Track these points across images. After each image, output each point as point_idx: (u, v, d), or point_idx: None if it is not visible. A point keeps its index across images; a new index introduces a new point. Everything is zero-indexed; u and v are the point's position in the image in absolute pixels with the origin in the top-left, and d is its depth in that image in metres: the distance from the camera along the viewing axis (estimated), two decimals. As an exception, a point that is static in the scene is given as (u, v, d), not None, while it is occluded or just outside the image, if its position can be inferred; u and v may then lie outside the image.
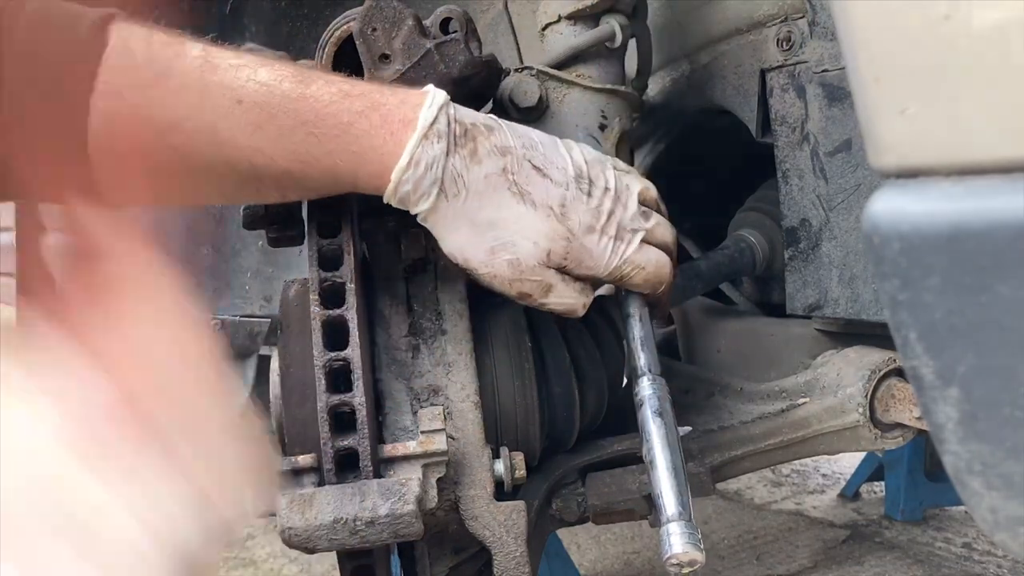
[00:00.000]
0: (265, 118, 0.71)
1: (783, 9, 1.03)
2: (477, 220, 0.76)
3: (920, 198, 0.49)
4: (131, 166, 0.72)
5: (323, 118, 0.73)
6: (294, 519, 0.75)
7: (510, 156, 0.78)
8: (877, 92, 0.51)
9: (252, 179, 0.74)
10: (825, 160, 1.00)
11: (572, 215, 0.79)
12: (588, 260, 0.81)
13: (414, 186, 0.74)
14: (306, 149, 0.72)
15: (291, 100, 0.72)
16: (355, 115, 0.73)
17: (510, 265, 0.78)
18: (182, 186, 0.75)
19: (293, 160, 0.73)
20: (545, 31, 1.00)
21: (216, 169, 0.73)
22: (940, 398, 0.51)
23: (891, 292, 0.51)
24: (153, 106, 0.70)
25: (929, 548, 2.14)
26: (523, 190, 0.77)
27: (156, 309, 0.48)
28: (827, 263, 1.03)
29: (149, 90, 0.70)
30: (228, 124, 0.71)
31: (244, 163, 0.73)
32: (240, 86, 0.71)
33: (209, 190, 0.77)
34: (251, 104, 0.71)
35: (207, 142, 0.71)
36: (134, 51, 0.71)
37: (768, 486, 2.63)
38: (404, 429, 0.84)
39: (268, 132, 0.72)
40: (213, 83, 0.71)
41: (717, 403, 1.10)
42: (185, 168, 0.73)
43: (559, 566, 1.79)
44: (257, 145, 0.72)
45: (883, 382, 0.98)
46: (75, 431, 0.41)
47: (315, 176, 0.74)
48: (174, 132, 0.71)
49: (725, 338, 1.31)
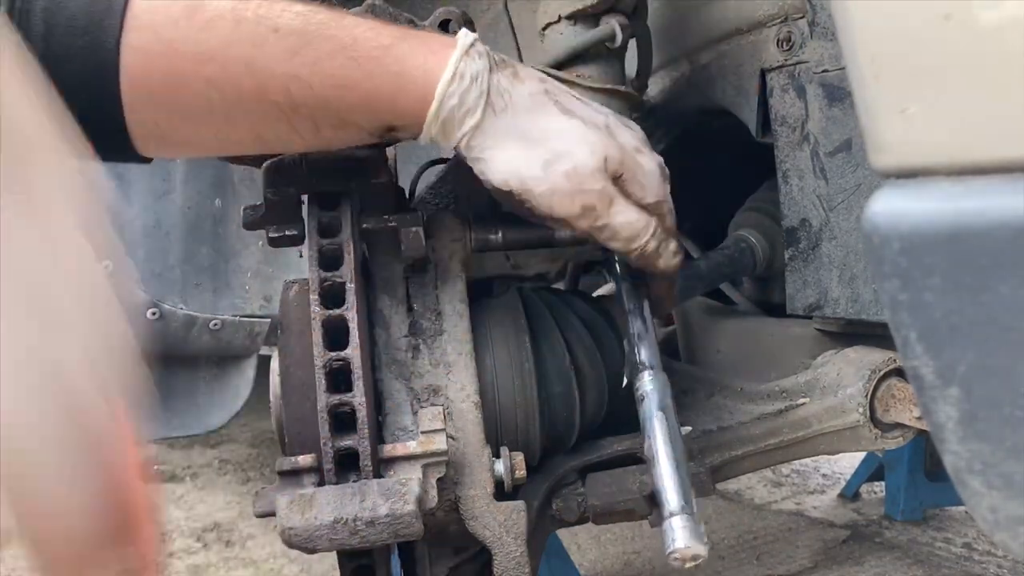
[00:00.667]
0: (302, 44, 0.70)
1: (783, 9, 1.03)
2: (529, 133, 0.74)
3: (920, 198, 0.49)
4: (165, 105, 0.71)
5: (362, 42, 0.72)
6: (294, 519, 0.75)
7: (549, 82, 0.78)
8: (877, 92, 0.51)
9: (287, 111, 0.72)
10: (825, 160, 1.00)
11: (618, 135, 0.78)
12: (641, 175, 0.78)
13: (460, 100, 0.72)
14: (345, 73, 0.71)
15: (328, 27, 0.71)
16: (394, 38, 0.73)
17: (568, 176, 0.75)
18: (215, 125, 0.73)
19: (331, 85, 0.71)
20: (545, 31, 1.00)
21: (251, 102, 0.71)
22: (940, 398, 0.51)
23: (891, 292, 0.51)
24: (187, 38, 0.69)
25: (929, 548, 2.14)
26: (567, 108, 0.76)
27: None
28: (827, 263, 1.03)
29: (182, 22, 0.69)
30: (264, 52, 0.70)
31: (280, 93, 0.71)
32: (276, 16, 0.71)
33: (242, 129, 0.74)
34: (288, 31, 0.70)
35: (243, 71, 0.70)
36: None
37: (768, 486, 2.63)
38: (404, 429, 0.84)
39: (305, 57, 0.70)
40: (248, 13, 0.70)
41: (717, 403, 1.10)
42: (220, 102, 0.71)
43: (559, 566, 1.79)
44: (294, 71, 0.70)
45: (883, 382, 0.98)
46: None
47: (353, 103, 0.72)
48: (209, 63, 0.69)
49: (725, 338, 1.31)
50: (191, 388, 1.53)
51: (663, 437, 0.80)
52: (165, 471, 2.88)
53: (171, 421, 1.52)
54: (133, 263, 1.43)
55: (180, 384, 1.53)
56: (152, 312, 1.43)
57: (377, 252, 0.90)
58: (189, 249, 1.47)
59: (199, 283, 1.47)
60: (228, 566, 2.15)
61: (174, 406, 1.52)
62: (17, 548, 0.41)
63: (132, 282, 1.41)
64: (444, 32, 0.89)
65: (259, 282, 1.51)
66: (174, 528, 2.39)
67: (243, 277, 1.50)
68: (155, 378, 1.56)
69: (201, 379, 1.53)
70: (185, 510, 2.53)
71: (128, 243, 1.43)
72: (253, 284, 1.50)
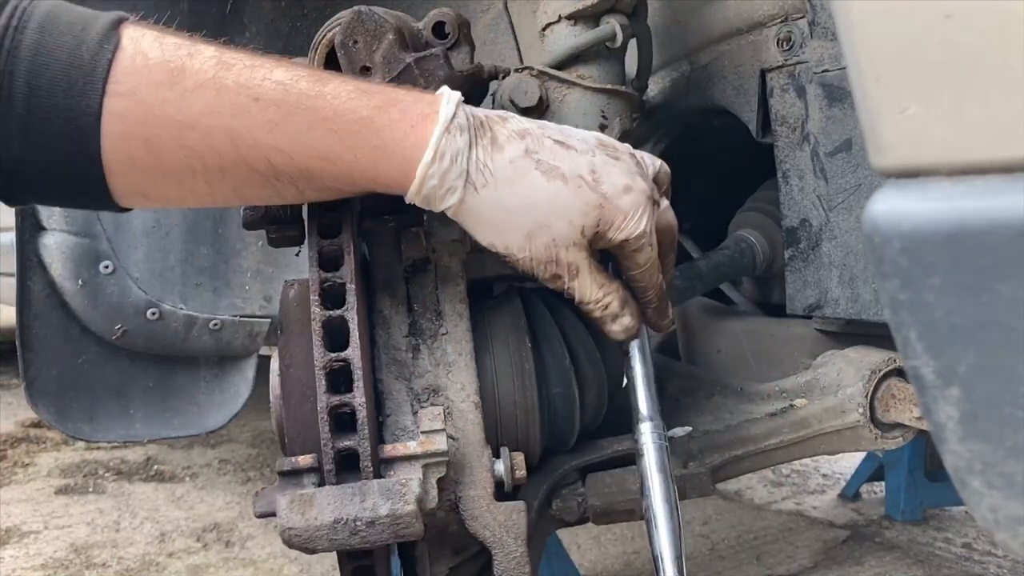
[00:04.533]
0: (283, 115, 0.71)
1: (783, 9, 1.03)
2: (511, 206, 0.75)
3: (921, 198, 0.49)
4: (145, 168, 0.71)
5: (342, 114, 0.72)
6: (294, 519, 0.75)
7: (529, 137, 0.77)
8: (877, 92, 0.51)
9: (270, 178, 0.73)
10: (825, 160, 1.00)
11: (604, 178, 0.78)
12: (620, 219, 0.78)
13: (440, 180, 0.73)
14: (326, 145, 0.72)
15: (309, 97, 0.72)
16: (374, 110, 0.73)
17: (547, 248, 0.77)
18: (197, 187, 0.74)
19: (312, 157, 0.72)
20: (545, 31, 1.00)
21: (232, 168, 0.72)
22: (940, 398, 0.51)
23: (891, 292, 0.51)
24: (168, 105, 0.69)
25: (929, 548, 2.14)
26: (550, 166, 0.76)
27: None
28: (827, 263, 1.03)
29: (163, 89, 0.69)
30: (245, 122, 0.70)
31: (262, 162, 0.71)
32: (256, 84, 0.71)
33: (225, 190, 0.75)
34: (268, 102, 0.70)
35: (224, 140, 0.70)
36: (147, 52, 0.70)
37: (768, 486, 2.63)
38: (404, 429, 0.84)
39: (286, 129, 0.71)
40: (229, 82, 0.70)
41: (717, 403, 1.10)
42: (201, 168, 0.72)
43: (559, 566, 1.79)
44: (275, 143, 0.71)
45: (883, 382, 0.98)
46: None
47: (334, 174, 0.73)
48: (190, 131, 0.70)
49: (725, 338, 1.31)
50: (191, 388, 1.53)
51: (662, 501, 0.81)
52: (165, 471, 2.88)
53: (171, 421, 1.52)
54: (133, 263, 1.43)
55: (180, 384, 1.53)
56: (152, 312, 1.43)
57: (377, 252, 0.89)
58: (189, 249, 1.46)
59: (199, 283, 1.47)
60: (228, 566, 2.15)
61: (174, 406, 1.52)
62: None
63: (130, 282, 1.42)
64: (439, 36, 0.89)
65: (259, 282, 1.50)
66: (174, 528, 2.39)
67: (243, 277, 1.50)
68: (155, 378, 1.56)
69: (201, 379, 1.53)
70: (185, 510, 2.53)
71: (128, 243, 1.43)
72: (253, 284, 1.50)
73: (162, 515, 2.49)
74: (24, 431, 3.27)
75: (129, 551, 2.24)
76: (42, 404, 1.44)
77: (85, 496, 2.66)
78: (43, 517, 2.48)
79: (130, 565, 2.16)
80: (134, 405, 1.50)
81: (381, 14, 0.84)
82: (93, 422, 1.48)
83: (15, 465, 2.95)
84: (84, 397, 1.47)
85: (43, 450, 3.10)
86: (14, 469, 2.91)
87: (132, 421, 1.50)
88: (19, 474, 2.87)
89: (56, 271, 1.39)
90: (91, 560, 2.18)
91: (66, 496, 2.66)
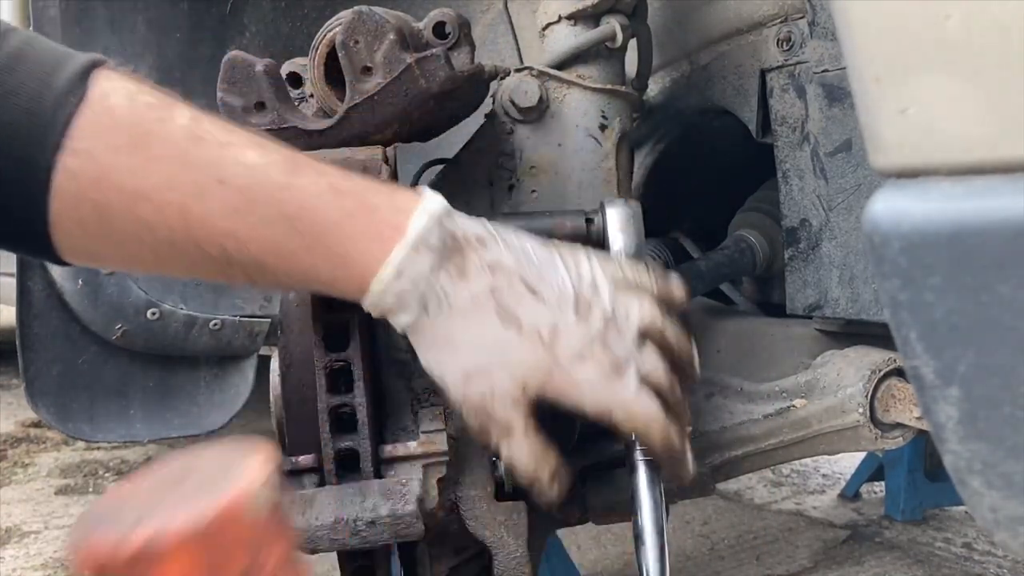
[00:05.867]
0: (244, 203, 0.66)
1: (783, 9, 1.03)
2: (457, 341, 0.70)
3: (921, 198, 0.49)
4: (93, 232, 0.67)
5: (308, 212, 0.67)
6: (295, 519, 0.75)
7: (500, 273, 0.71)
8: (877, 92, 0.51)
9: (222, 264, 0.68)
10: (825, 160, 1.00)
11: (561, 340, 0.70)
12: (573, 392, 0.71)
13: (396, 299, 0.69)
14: (284, 243, 0.67)
15: (277, 188, 0.67)
16: (343, 215, 0.68)
17: (482, 397, 0.71)
18: (145, 258, 0.69)
19: (268, 252, 0.67)
20: (545, 31, 1.00)
21: (182, 246, 0.67)
22: (941, 397, 0.51)
23: (891, 292, 0.51)
24: (124, 172, 0.65)
25: (929, 548, 2.14)
26: (511, 313, 0.70)
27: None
28: (827, 263, 1.03)
29: (123, 155, 0.65)
30: (203, 204, 0.65)
31: (215, 246, 0.67)
32: (224, 166, 0.66)
33: (174, 266, 0.71)
34: (233, 187, 0.66)
35: (177, 218, 0.65)
36: (114, 109, 0.65)
37: (768, 486, 2.63)
38: (404, 429, 0.84)
39: (246, 219, 0.66)
40: (195, 158, 0.66)
41: (717, 403, 1.10)
42: (150, 241, 0.67)
43: (559, 566, 1.79)
44: (232, 229, 0.66)
45: (883, 382, 0.98)
46: None
47: (288, 271, 0.69)
48: (143, 202, 0.65)
49: (725, 338, 1.31)
50: (191, 388, 1.53)
51: (651, 516, 0.80)
52: (165, 471, 2.87)
53: (171, 421, 1.52)
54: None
55: (180, 384, 1.53)
56: (152, 312, 1.43)
57: (377, 252, 0.89)
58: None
59: (199, 283, 1.47)
60: (228, 566, 2.15)
61: (174, 406, 1.52)
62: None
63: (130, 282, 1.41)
64: (440, 36, 0.89)
65: (259, 282, 1.50)
66: (174, 528, 2.38)
67: (243, 277, 1.50)
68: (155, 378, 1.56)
69: (201, 379, 1.53)
70: (185, 510, 2.53)
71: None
72: (253, 284, 1.50)
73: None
74: (24, 431, 3.27)
75: (129, 551, 2.24)
76: (42, 404, 1.44)
77: (85, 496, 2.66)
78: (43, 517, 2.48)
79: (130, 565, 2.15)
80: (134, 405, 1.50)
81: (382, 14, 0.84)
82: (93, 422, 1.48)
83: (15, 465, 2.94)
84: (84, 397, 1.47)
85: (43, 450, 3.10)
86: (14, 469, 2.91)
87: (132, 421, 1.50)
88: (19, 474, 2.87)
89: (56, 271, 1.39)
90: (91, 560, 2.18)
91: (66, 496, 2.66)
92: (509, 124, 0.99)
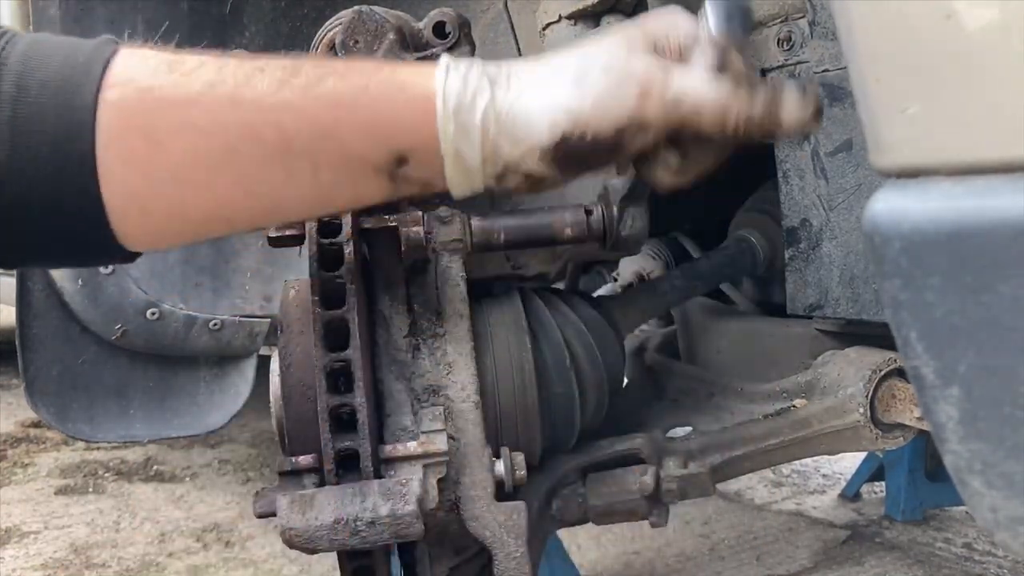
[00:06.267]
0: (290, 74, 0.67)
1: (783, 9, 1.03)
2: (542, 77, 0.70)
3: (921, 198, 0.49)
4: (143, 164, 0.66)
5: (351, 67, 0.70)
6: (295, 519, 0.75)
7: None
8: (878, 92, 0.51)
9: (281, 150, 0.67)
10: (826, 160, 1.00)
11: (628, 24, 0.74)
12: (674, 32, 0.71)
13: (462, 82, 0.68)
14: (339, 91, 0.68)
15: (314, 63, 0.70)
16: (380, 63, 0.72)
17: (606, 71, 0.68)
18: (200, 183, 0.68)
19: (326, 106, 0.67)
20: (545, 31, 1.01)
21: (239, 143, 0.66)
22: (941, 397, 0.51)
23: (892, 292, 0.51)
24: (167, 87, 0.66)
25: (929, 548, 2.14)
26: (567, 52, 0.72)
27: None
28: (827, 263, 1.03)
29: (162, 75, 0.66)
30: (251, 86, 0.66)
31: (271, 127, 0.66)
32: (260, 64, 0.68)
33: (230, 182, 0.68)
34: (274, 66, 0.68)
35: (228, 110, 0.66)
36: (144, 53, 0.68)
37: (768, 486, 2.63)
38: (404, 429, 0.84)
39: (295, 84, 0.67)
40: (230, 63, 0.68)
41: (717, 403, 1.10)
42: (204, 150, 0.66)
43: (559, 566, 1.79)
44: (285, 99, 0.67)
45: (884, 382, 0.98)
46: None
47: (353, 124, 0.68)
48: (191, 107, 0.66)
49: (725, 338, 1.31)
50: (191, 388, 1.53)
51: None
52: (165, 471, 2.88)
53: (171, 421, 1.52)
54: (133, 263, 1.43)
55: (180, 384, 1.53)
56: (152, 312, 1.43)
57: (377, 252, 0.89)
58: (189, 249, 1.46)
59: (199, 283, 1.47)
60: (228, 566, 2.15)
61: (174, 406, 1.52)
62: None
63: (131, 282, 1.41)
64: (440, 36, 0.89)
65: (259, 282, 1.50)
66: (174, 528, 2.39)
67: (243, 277, 1.50)
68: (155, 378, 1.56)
69: (201, 379, 1.53)
70: (185, 510, 2.53)
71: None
72: (253, 284, 1.50)
73: (162, 515, 2.49)
74: (24, 431, 3.27)
75: (129, 551, 2.24)
76: (42, 404, 1.44)
77: (85, 496, 2.66)
78: (43, 517, 2.48)
79: (130, 565, 2.16)
80: (134, 405, 1.50)
81: (382, 14, 0.84)
82: (93, 422, 1.48)
83: (15, 465, 2.95)
84: (84, 397, 1.47)
85: (43, 450, 3.10)
86: (14, 469, 2.91)
87: (132, 421, 1.50)
88: (19, 474, 2.87)
89: (56, 271, 1.39)
90: (91, 560, 2.18)
91: (66, 496, 2.66)
92: (509, 124, 0.98)
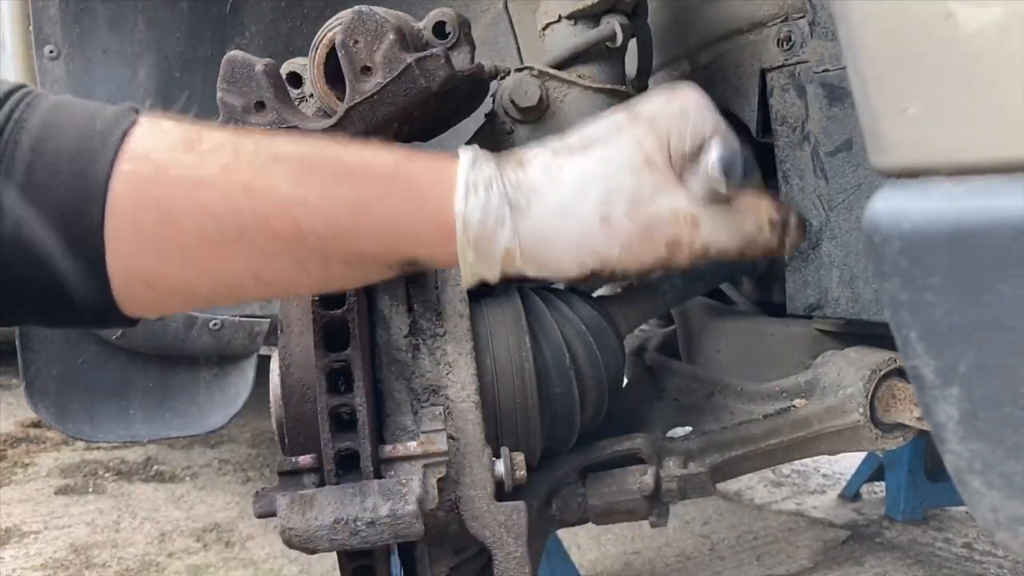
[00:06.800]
0: (306, 170, 0.66)
1: (783, 9, 1.03)
2: (565, 206, 0.68)
3: (921, 198, 0.49)
4: (151, 238, 0.64)
5: (368, 164, 0.68)
6: (294, 519, 0.75)
7: (548, 141, 0.73)
8: (878, 92, 0.51)
9: (292, 243, 0.66)
10: (825, 160, 1.00)
11: (637, 108, 0.73)
12: (682, 124, 0.71)
13: (483, 212, 0.67)
14: (356, 195, 0.66)
15: (332, 151, 0.68)
16: (398, 159, 0.69)
17: (629, 214, 0.68)
18: (208, 264, 0.66)
19: (341, 209, 0.66)
20: (545, 31, 1.00)
21: (250, 232, 0.65)
22: (941, 397, 0.51)
23: (892, 292, 0.51)
24: (183, 166, 0.64)
25: (929, 548, 2.14)
26: (581, 145, 0.72)
27: None
28: (827, 263, 1.03)
29: (179, 152, 0.65)
30: (266, 177, 0.65)
31: (284, 220, 0.65)
32: (276, 147, 0.67)
33: (239, 267, 0.67)
34: (289, 158, 0.66)
35: (242, 197, 0.64)
36: (163, 124, 0.67)
37: (768, 486, 2.63)
38: (404, 429, 0.84)
39: (311, 182, 0.66)
40: (247, 145, 0.66)
41: (717, 403, 1.10)
42: (215, 233, 0.64)
43: (559, 566, 1.79)
44: (300, 195, 0.65)
45: (884, 382, 0.98)
46: None
47: (367, 228, 0.67)
48: (205, 189, 0.64)
49: (725, 338, 1.30)
50: (191, 388, 1.53)
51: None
52: (165, 471, 2.88)
53: (171, 421, 1.52)
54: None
55: (180, 384, 1.53)
56: (152, 312, 1.43)
57: (377, 252, 0.89)
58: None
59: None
60: (228, 566, 2.15)
61: (174, 406, 1.52)
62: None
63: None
64: (440, 36, 0.89)
65: (259, 282, 1.50)
66: (174, 528, 2.39)
67: (243, 277, 1.50)
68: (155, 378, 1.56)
69: (201, 379, 1.53)
70: (185, 510, 2.53)
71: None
72: (253, 284, 1.50)
73: (162, 515, 2.49)
74: (24, 431, 3.27)
75: (129, 551, 2.24)
76: (42, 404, 1.44)
77: (85, 496, 2.66)
78: (43, 517, 2.48)
79: (130, 565, 2.16)
80: (134, 405, 1.50)
81: (382, 14, 0.84)
82: (93, 422, 1.48)
83: (15, 465, 2.95)
84: (84, 397, 1.47)
85: (43, 450, 3.10)
86: (14, 469, 2.91)
87: (132, 421, 1.50)
88: (19, 474, 2.87)
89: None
90: (91, 560, 2.18)
91: (66, 496, 2.66)
92: (509, 124, 0.99)
